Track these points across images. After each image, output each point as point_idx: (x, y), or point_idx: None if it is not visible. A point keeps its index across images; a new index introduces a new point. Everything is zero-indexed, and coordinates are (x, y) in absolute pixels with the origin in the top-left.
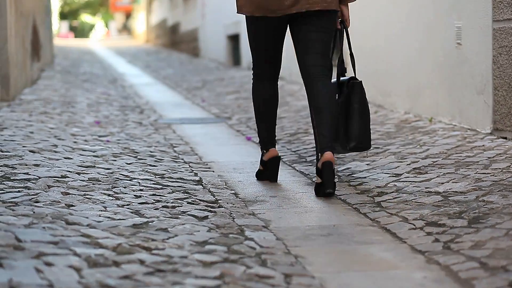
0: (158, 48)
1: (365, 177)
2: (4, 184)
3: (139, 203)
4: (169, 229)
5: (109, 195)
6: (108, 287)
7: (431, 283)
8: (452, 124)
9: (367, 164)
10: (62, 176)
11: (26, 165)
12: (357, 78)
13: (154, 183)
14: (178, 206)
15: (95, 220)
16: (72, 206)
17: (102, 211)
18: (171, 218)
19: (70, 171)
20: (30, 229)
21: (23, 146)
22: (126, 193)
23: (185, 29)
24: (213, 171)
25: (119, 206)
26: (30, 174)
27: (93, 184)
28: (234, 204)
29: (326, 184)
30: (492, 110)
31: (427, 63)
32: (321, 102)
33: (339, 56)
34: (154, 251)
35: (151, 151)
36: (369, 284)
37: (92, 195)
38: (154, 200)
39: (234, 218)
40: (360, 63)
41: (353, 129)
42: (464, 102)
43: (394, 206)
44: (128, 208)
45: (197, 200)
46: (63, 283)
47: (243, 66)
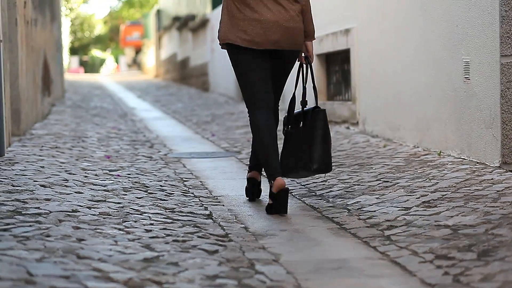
0: (168, 83)
1: (374, 210)
2: (15, 218)
3: (149, 237)
4: (179, 263)
5: (119, 229)
6: None
7: None
8: (461, 158)
9: (377, 198)
10: (73, 211)
11: (37, 199)
12: (319, 107)
13: (164, 217)
14: (189, 240)
15: (106, 254)
16: (83, 240)
17: (113, 245)
18: (182, 252)
19: (81, 205)
20: (42, 263)
21: (34, 181)
22: (136, 227)
23: (194, 63)
24: (223, 205)
25: (130, 240)
26: (41, 209)
27: (103, 218)
28: (244, 238)
29: (279, 208)
30: (500, 144)
31: (436, 97)
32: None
33: (303, 89)
34: (165, 285)
35: (161, 185)
36: None
37: (103, 229)
38: (165, 234)
39: (244, 252)
40: (369, 97)
41: (316, 153)
42: (472, 136)
43: (403, 239)
44: (139, 242)
45: (207, 234)
46: None
47: None
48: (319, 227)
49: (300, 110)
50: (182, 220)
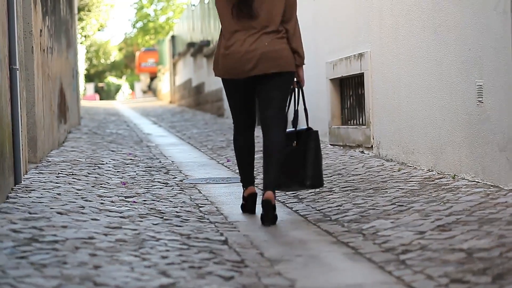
0: (183, 108)
1: (389, 235)
2: (32, 246)
3: (165, 263)
4: None
5: (136, 255)
6: None
7: None
8: (475, 181)
9: (392, 222)
10: (90, 238)
11: (54, 226)
12: (312, 128)
13: (180, 244)
14: (205, 267)
15: (123, 281)
16: (100, 267)
17: (129, 272)
18: (198, 278)
19: (97, 232)
20: None
21: (51, 208)
22: (152, 253)
23: (209, 89)
24: (238, 231)
25: (146, 267)
26: (57, 236)
27: (120, 245)
28: (260, 264)
29: (265, 218)
30: None
31: (449, 121)
32: (273, 149)
33: (294, 112)
34: None
35: (177, 212)
36: None
37: (119, 256)
38: (181, 260)
39: (260, 278)
40: (383, 121)
41: (309, 170)
42: (486, 159)
43: (418, 263)
44: (155, 269)
45: (223, 260)
46: None
47: None
48: (335, 252)
49: (292, 129)
50: (198, 246)
